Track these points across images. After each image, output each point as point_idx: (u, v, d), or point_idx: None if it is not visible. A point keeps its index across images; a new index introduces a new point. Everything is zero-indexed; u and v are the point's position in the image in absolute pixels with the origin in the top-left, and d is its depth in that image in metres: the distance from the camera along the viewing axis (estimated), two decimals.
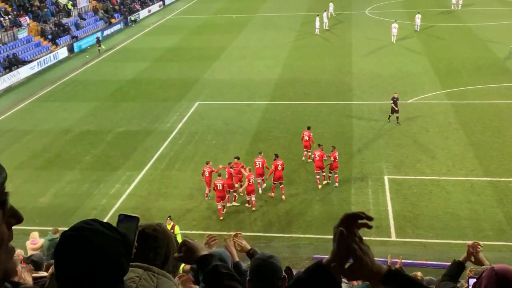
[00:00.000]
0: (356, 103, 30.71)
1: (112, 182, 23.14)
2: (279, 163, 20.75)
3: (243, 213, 20.26)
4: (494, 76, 33.96)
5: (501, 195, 20.46)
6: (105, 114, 31.23)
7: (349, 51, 41.50)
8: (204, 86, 35.26)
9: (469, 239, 17.76)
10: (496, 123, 27.03)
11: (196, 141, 26.85)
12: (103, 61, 43.60)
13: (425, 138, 25.73)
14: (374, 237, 18.22)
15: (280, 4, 63.91)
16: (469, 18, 50.70)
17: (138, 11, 60.97)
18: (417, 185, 21.51)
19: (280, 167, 20.67)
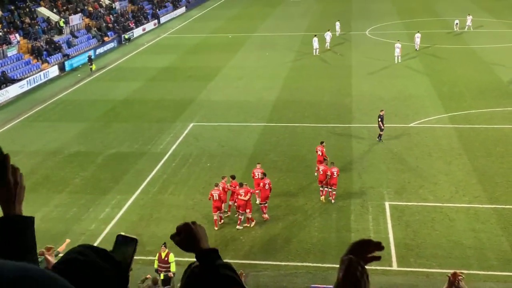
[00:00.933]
0: (356, 126, 30.82)
1: (102, 206, 23.04)
2: (266, 182, 21.03)
3: (238, 240, 20.15)
4: (498, 99, 34.20)
5: (506, 223, 20.43)
6: (96, 135, 31.24)
7: (349, 73, 41.80)
8: (199, 107, 35.37)
9: (473, 269, 17.76)
10: (500, 148, 27.12)
11: (190, 164, 26.83)
12: (95, 81, 43.77)
13: (428, 163, 25.77)
14: (375, 266, 18.12)
15: (278, 24, 64.55)
16: (473, 40, 51.23)
17: (132, 29, 61.43)
18: (419, 212, 21.48)
19: (267, 186, 20.95)
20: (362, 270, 2.09)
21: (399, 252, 18.90)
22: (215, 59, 48.28)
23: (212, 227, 20.54)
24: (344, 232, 20.21)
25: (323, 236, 20.11)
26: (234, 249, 19.53)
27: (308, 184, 24.07)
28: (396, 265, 18.25)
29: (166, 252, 17.07)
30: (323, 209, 21.92)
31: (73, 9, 58.56)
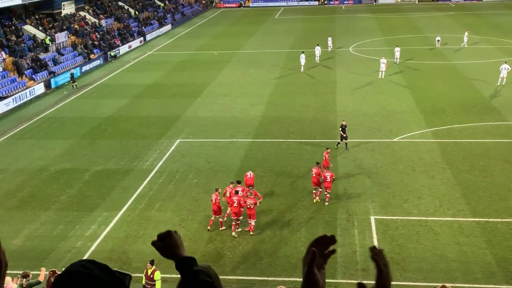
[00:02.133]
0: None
1: (88, 223, 22.87)
2: (235, 199, 21.06)
3: (225, 256, 20.10)
4: (480, 114, 34.63)
5: (490, 236, 20.60)
6: (82, 152, 31.09)
7: (334, 89, 42.12)
8: (185, 123, 35.38)
9: (458, 282, 17.86)
10: (483, 162, 27.42)
11: (177, 180, 26.77)
12: (81, 98, 43.64)
13: (412, 178, 25.97)
14: (361, 280, 18.14)
15: (263, 41, 65.02)
16: (454, 56, 51.96)
17: (118, 47, 61.47)
18: (404, 226, 21.60)
19: (236, 204, 21.00)
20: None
21: None
22: (201, 76, 48.43)
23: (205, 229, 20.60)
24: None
25: None
26: (221, 265, 19.46)
27: (294, 199, 24.12)
28: None
29: (152, 269, 16.95)
30: (309, 224, 21.97)
31: (59, 27, 58.51)
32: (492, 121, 33.33)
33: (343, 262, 19.24)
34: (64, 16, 62.55)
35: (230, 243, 20.84)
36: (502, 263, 18.84)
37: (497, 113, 34.79)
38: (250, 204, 20.94)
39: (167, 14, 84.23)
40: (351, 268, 18.96)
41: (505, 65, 40.94)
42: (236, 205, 21.02)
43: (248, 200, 21.01)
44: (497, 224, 21.47)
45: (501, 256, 19.28)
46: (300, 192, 24.80)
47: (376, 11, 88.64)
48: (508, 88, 40.19)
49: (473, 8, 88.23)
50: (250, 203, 20.93)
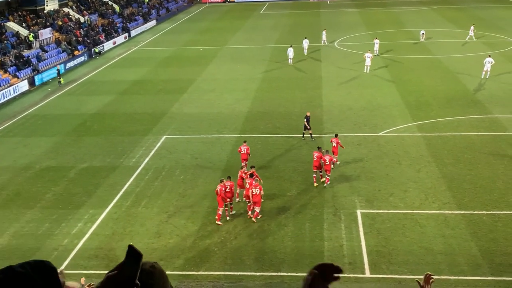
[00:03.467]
0: (327, 135, 31.03)
1: (75, 221, 22.73)
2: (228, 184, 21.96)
3: (212, 252, 20.08)
4: (465, 108, 34.90)
5: (475, 229, 20.79)
6: (68, 149, 30.86)
7: (319, 84, 42.19)
8: (171, 119, 35.25)
9: (444, 274, 18.00)
10: (468, 155, 27.64)
11: (163, 176, 26.68)
12: (66, 95, 43.29)
13: (397, 171, 26.11)
14: (348, 274, 18.25)
15: (248, 36, 64.91)
16: (439, 50, 52.26)
17: (102, 43, 61.03)
18: (391, 219, 21.71)
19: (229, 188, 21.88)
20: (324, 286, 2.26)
21: (371, 259, 19.06)
22: (186, 71, 48.27)
23: (193, 225, 20.50)
24: (317, 241, 20.32)
25: (297, 245, 20.17)
26: (208, 261, 19.44)
27: (281, 194, 24.15)
28: (369, 272, 18.39)
29: None
30: (296, 219, 22.01)
31: (42, 23, 57.93)
32: (477, 114, 33.59)
33: (330, 256, 19.30)
34: (48, 12, 61.93)
35: (217, 239, 20.83)
36: (487, 255, 19.02)
37: (482, 106, 35.07)
38: (256, 191, 21.55)
39: (151, 10, 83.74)
40: (338, 262, 18.98)
41: (489, 59, 41.27)
42: (247, 186, 21.89)
43: (254, 188, 21.64)
44: (482, 217, 21.67)
45: (486, 248, 19.47)
46: (287, 186, 24.83)
47: (360, 6, 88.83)
48: (492, 81, 40.53)
49: (456, 2, 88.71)
50: (256, 190, 21.60)
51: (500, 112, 33.76)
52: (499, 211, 22.05)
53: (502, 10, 77.72)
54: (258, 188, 21.71)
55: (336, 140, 26.64)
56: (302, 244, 20.21)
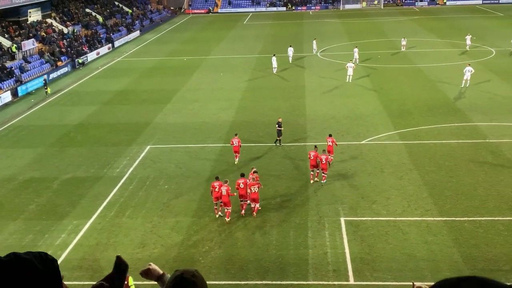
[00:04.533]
0: (311, 144, 31.13)
1: (58, 232, 22.51)
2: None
3: (198, 261, 19.99)
4: (446, 116, 35.25)
5: (457, 235, 20.95)
6: (51, 160, 30.60)
7: (303, 93, 42.38)
8: (155, 129, 35.14)
9: (427, 280, 18.08)
10: (449, 163, 27.89)
11: (147, 186, 26.55)
12: (49, 105, 42.98)
13: (380, 179, 26.26)
14: (333, 281, 18.30)
15: (232, 46, 65.08)
16: (419, 59, 52.81)
17: (86, 54, 60.76)
18: (374, 227, 21.81)
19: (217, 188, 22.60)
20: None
21: (355, 266, 19.11)
22: (170, 82, 48.21)
23: (178, 235, 20.40)
24: (301, 249, 20.33)
25: (281, 253, 20.16)
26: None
27: (265, 202, 24.15)
28: (353, 280, 18.43)
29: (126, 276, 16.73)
30: (281, 227, 22.02)
31: (25, 34, 57.55)
32: (457, 122, 33.95)
33: (314, 264, 19.33)
34: (31, 23, 61.56)
35: (202, 248, 20.75)
36: (469, 261, 19.17)
37: (462, 115, 35.45)
38: (255, 189, 22.58)
39: (135, 21, 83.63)
40: (322, 269, 19.06)
41: (468, 68, 41.80)
42: (242, 186, 22.74)
43: (252, 186, 22.59)
44: (463, 223, 21.85)
45: (468, 254, 19.62)
46: (272, 195, 24.84)
47: (342, 16, 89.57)
48: (472, 90, 41.03)
49: (436, 12, 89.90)
50: (254, 188, 22.61)
51: (480, 120, 34.16)
52: (480, 217, 22.26)
53: (480, 20, 78.87)
54: (256, 186, 22.73)
55: (331, 139, 27.83)
56: (287, 252, 20.21)
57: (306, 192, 25.10)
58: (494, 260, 19.16)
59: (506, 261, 19.07)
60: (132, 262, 19.85)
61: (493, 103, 37.85)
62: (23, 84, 47.65)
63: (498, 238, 20.63)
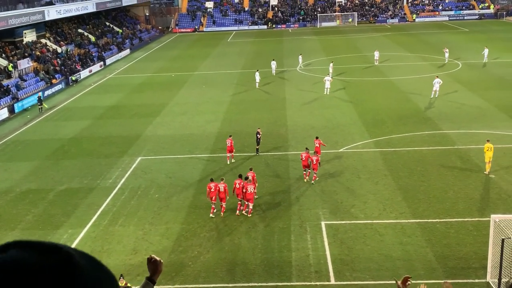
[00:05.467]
0: (292, 153, 31.22)
1: (54, 240, 21.74)
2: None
3: (187, 266, 19.84)
4: (417, 125, 35.53)
5: (430, 236, 21.05)
6: (46, 173, 30.24)
7: (284, 105, 42.47)
8: (146, 141, 34.93)
9: None
10: (421, 168, 28.07)
11: (139, 195, 26.33)
12: (44, 121, 42.56)
13: (357, 184, 26.34)
14: (315, 282, 18.26)
15: (217, 62, 65.11)
16: (391, 72, 53.28)
17: (79, 71, 60.37)
18: (352, 229, 21.84)
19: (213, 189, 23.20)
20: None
21: (335, 267, 19.10)
22: (159, 96, 48.03)
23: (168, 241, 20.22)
24: (285, 252, 20.27)
25: (266, 257, 20.09)
26: (183, 274, 19.20)
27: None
28: (334, 280, 18.41)
29: (124, 284, 16.57)
30: (265, 232, 21.95)
31: (21, 54, 57.03)
32: (428, 131, 34.23)
33: (297, 266, 19.28)
34: (26, 43, 61.02)
35: (191, 253, 20.60)
36: (441, 260, 19.26)
37: (432, 123, 35.76)
38: (250, 189, 22.93)
39: (125, 40, 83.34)
40: (305, 271, 19.02)
41: (437, 79, 42.25)
42: (238, 186, 23.08)
43: (249, 186, 22.95)
44: (435, 224, 21.97)
45: (441, 253, 19.72)
46: (256, 201, 24.76)
47: (319, 33, 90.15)
48: (440, 100, 41.45)
49: (406, 29, 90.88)
50: (250, 188, 22.99)
51: (449, 128, 34.49)
52: (451, 218, 22.41)
53: (447, 35, 79.88)
54: (252, 187, 22.98)
55: (318, 141, 28.55)
56: (271, 256, 20.14)
57: (288, 198, 25.09)
58: (465, 259, 19.27)
59: (476, 259, 19.19)
60: (125, 268, 19.65)
61: (461, 112, 38.27)
62: (19, 101, 47.15)
63: (468, 238, 20.78)
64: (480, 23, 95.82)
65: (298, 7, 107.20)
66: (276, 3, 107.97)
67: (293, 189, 26.12)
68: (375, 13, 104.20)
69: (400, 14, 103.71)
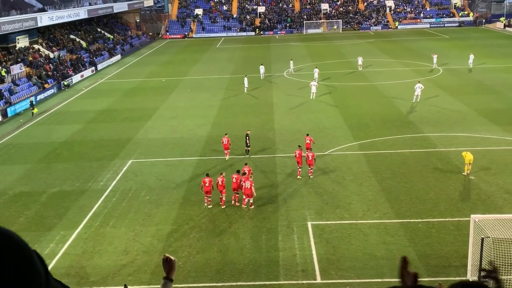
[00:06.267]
0: (280, 156, 31.27)
1: (47, 242, 22.00)
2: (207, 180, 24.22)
3: (177, 266, 19.72)
4: (399, 128, 35.75)
5: (412, 235, 21.18)
6: (39, 175, 29.98)
7: (271, 109, 42.53)
8: (137, 145, 34.77)
9: (386, 277, 18.23)
10: (403, 170, 28.24)
11: (130, 197, 26.19)
12: (37, 125, 42.21)
13: (342, 186, 26.43)
14: (301, 281, 18.28)
15: (207, 68, 65.06)
16: (375, 78, 53.59)
17: (71, 76, 59.98)
18: (338, 229, 21.90)
19: (208, 183, 24.04)
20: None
21: (321, 266, 19.13)
22: (150, 101, 47.85)
23: (159, 242, 20.12)
24: (273, 252, 20.27)
25: (254, 256, 20.07)
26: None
27: (238, 210, 24.06)
28: (320, 278, 18.44)
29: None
30: (253, 232, 21.94)
31: (14, 59, 56.51)
32: (410, 134, 34.46)
33: (284, 265, 19.28)
34: (19, 49, 60.51)
35: (181, 253, 20.51)
36: (423, 258, 19.38)
37: (414, 127, 36.01)
38: (247, 184, 23.52)
39: (116, 45, 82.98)
40: (292, 270, 19.03)
41: (418, 85, 42.57)
42: (234, 180, 23.98)
43: (246, 182, 23.60)
44: (417, 224, 22.10)
45: (423, 252, 19.84)
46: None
47: (305, 40, 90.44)
48: (422, 104, 41.75)
49: (389, 36, 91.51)
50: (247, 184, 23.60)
51: (430, 131, 34.75)
52: (433, 218, 22.56)
53: (427, 42, 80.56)
54: (249, 183, 23.52)
55: (309, 138, 29.45)
56: (259, 255, 20.13)
57: (276, 199, 25.11)
58: (446, 257, 19.41)
59: (456, 257, 19.34)
60: (116, 268, 19.54)
61: (441, 116, 38.58)
62: (12, 105, 46.72)
63: (449, 237, 20.93)
64: (460, 30, 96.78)
65: (285, 14, 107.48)
66: (263, 11, 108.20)
67: (280, 190, 26.14)
68: (359, 21, 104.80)
69: (383, 21, 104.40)
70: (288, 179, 27.54)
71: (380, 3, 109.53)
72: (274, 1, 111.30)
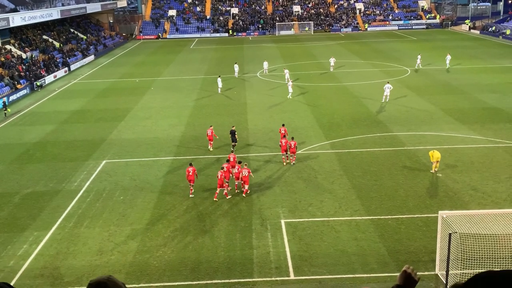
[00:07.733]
0: (253, 155, 31.27)
1: (20, 243, 21.52)
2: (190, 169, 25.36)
3: (151, 265, 19.56)
4: (369, 127, 36.15)
5: (382, 231, 21.42)
6: (11, 176, 29.32)
7: (245, 110, 42.51)
8: (110, 145, 34.31)
9: (357, 273, 18.40)
10: (373, 168, 28.56)
11: (104, 198, 25.83)
12: (9, 125, 41.26)
13: (314, 184, 26.58)
14: (275, 277, 18.31)
15: (180, 68, 64.65)
16: (345, 78, 54.09)
17: (44, 77, 58.84)
18: (310, 227, 22.01)
19: (191, 172, 25.23)
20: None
21: (294, 263, 19.20)
22: (124, 101, 47.29)
23: (133, 241, 19.86)
24: (247, 250, 20.25)
25: (229, 254, 20.02)
26: (148, 273, 18.92)
27: (213, 209, 23.98)
28: (293, 275, 18.49)
29: None
30: (228, 231, 21.88)
31: None
32: (379, 133, 34.87)
33: (258, 263, 19.28)
34: None
35: (156, 253, 20.33)
36: (393, 254, 19.62)
37: (383, 126, 36.45)
38: (245, 173, 24.90)
39: (90, 46, 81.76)
40: (265, 267, 19.05)
41: (387, 85, 43.12)
42: (236, 171, 25.25)
43: (244, 170, 25.02)
44: (387, 221, 22.37)
45: (392, 248, 20.09)
46: (220, 202, 24.68)
47: (278, 41, 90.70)
48: (391, 104, 42.31)
49: (359, 37, 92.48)
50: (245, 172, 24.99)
51: (399, 130, 35.23)
52: (402, 215, 22.87)
53: (396, 44, 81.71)
54: (247, 171, 24.93)
55: (284, 128, 30.81)
56: (234, 253, 20.08)
57: (250, 198, 25.09)
58: (415, 253, 19.69)
59: (425, 252, 19.64)
60: (91, 269, 19.24)
61: (410, 115, 39.15)
62: None
63: (418, 233, 21.24)
64: (427, 32, 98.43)
65: (258, 16, 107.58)
66: (236, 12, 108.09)
67: (254, 189, 26.13)
68: (330, 23, 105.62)
69: (353, 23, 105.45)
70: (261, 178, 27.55)
71: (350, 5, 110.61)
72: (247, 3, 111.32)
